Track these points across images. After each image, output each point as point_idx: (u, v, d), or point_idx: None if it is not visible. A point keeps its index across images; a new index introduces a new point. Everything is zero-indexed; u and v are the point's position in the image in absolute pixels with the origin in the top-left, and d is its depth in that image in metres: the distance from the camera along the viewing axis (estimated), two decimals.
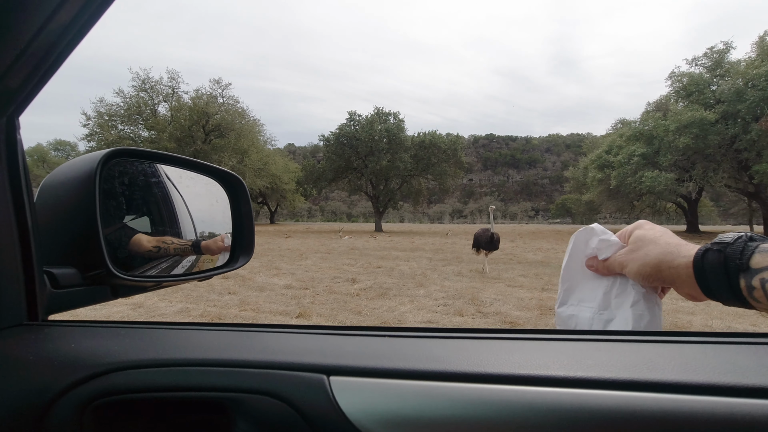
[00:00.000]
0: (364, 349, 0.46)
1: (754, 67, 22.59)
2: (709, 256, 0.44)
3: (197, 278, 0.76)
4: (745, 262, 0.42)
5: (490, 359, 0.41)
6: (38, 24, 0.43)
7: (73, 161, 0.62)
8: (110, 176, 0.64)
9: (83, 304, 0.60)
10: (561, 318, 0.59)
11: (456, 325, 4.63)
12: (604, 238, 0.55)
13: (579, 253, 0.59)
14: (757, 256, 0.41)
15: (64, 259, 0.58)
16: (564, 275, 0.60)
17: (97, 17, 0.46)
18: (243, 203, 0.84)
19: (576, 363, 0.39)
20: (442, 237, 25.20)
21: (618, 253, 0.54)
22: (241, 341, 0.51)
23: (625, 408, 0.34)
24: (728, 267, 0.43)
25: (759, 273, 0.40)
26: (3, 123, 0.51)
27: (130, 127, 34.59)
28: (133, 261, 0.68)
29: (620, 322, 0.53)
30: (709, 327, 4.54)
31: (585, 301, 0.57)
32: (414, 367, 0.41)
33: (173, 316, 4.95)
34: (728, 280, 0.43)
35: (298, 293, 6.40)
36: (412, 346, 0.47)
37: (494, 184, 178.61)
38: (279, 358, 0.44)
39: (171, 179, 0.78)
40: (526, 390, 0.37)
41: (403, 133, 36.23)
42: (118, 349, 0.48)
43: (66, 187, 0.59)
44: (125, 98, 34.21)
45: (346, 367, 0.42)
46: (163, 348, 0.48)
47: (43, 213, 0.58)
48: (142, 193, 0.74)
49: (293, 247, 15.38)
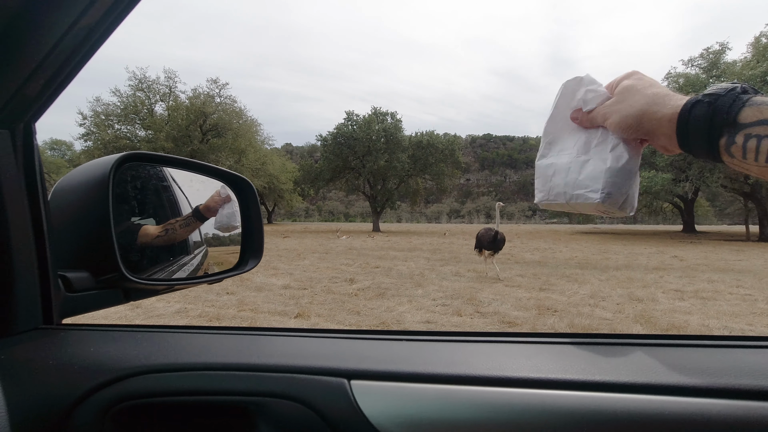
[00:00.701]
0: (383, 353, 0.47)
1: (750, 68, 22.71)
2: (697, 109, 0.42)
3: (208, 281, 0.76)
4: (732, 117, 0.40)
5: (507, 363, 0.42)
6: (58, 35, 0.44)
7: (85, 165, 0.62)
8: (122, 180, 0.64)
9: (96, 307, 0.60)
10: (540, 169, 0.58)
11: (455, 325, 4.64)
12: (591, 88, 0.53)
13: (565, 105, 0.56)
14: (747, 110, 0.39)
15: (77, 263, 0.59)
16: (547, 128, 0.58)
17: (114, 27, 0.47)
18: (252, 206, 0.84)
19: (593, 366, 0.40)
20: (440, 237, 25.21)
21: (603, 104, 0.51)
22: (261, 345, 0.52)
23: (640, 411, 0.35)
24: (714, 121, 0.41)
25: (745, 128, 0.39)
26: (20, 129, 0.51)
27: (127, 127, 34.43)
28: (143, 262, 0.69)
29: (597, 162, 0.51)
30: (705, 326, 4.57)
31: (565, 151, 0.56)
32: (434, 371, 0.42)
33: (171, 316, 4.93)
34: (710, 133, 0.41)
35: (296, 293, 6.39)
36: (431, 349, 0.47)
37: (491, 184, 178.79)
38: (300, 363, 0.45)
39: (179, 182, 0.78)
40: (545, 393, 0.38)
41: (400, 133, 36.20)
42: (138, 353, 0.49)
43: (79, 191, 0.60)
44: (122, 97, 34.05)
45: (367, 371, 0.43)
46: (183, 352, 0.49)
47: (57, 217, 0.58)
48: (151, 197, 0.74)
49: (291, 247, 15.35)
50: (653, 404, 0.35)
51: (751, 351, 0.41)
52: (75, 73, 0.50)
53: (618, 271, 9.24)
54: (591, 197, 0.51)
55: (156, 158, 0.73)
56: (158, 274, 0.70)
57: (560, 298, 6.11)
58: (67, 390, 0.46)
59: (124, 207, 0.66)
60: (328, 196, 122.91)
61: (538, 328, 4.49)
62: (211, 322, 4.73)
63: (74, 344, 0.52)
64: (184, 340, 0.54)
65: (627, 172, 0.50)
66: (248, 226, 0.84)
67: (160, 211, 0.76)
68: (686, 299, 6.09)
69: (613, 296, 6.19)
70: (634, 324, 4.65)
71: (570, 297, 6.15)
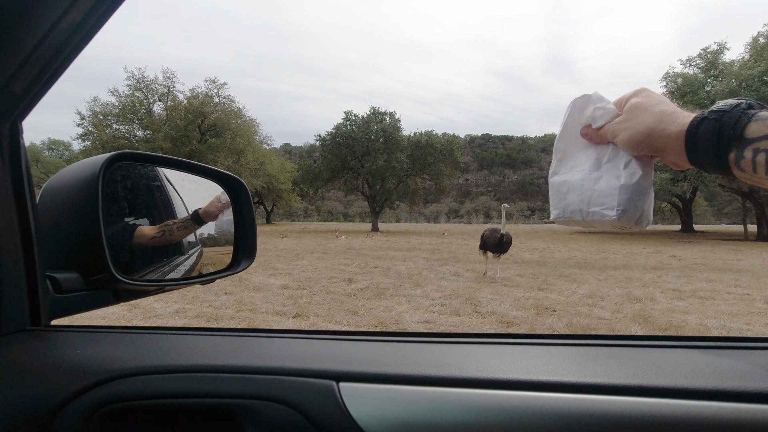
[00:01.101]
0: (372, 355, 0.46)
1: (748, 68, 22.77)
2: (705, 125, 0.43)
3: (200, 282, 0.75)
4: (739, 132, 0.40)
5: (499, 365, 0.42)
6: (43, 31, 0.43)
7: (75, 165, 0.62)
8: (113, 180, 0.64)
9: (85, 308, 0.59)
10: (554, 186, 0.59)
11: (453, 325, 4.64)
12: (600, 105, 0.54)
13: (574, 122, 0.57)
14: (753, 125, 0.40)
15: (66, 264, 0.58)
16: (558, 144, 0.59)
17: (102, 23, 0.46)
18: (245, 206, 0.84)
19: (584, 368, 0.40)
20: (439, 237, 25.23)
21: (613, 121, 0.52)
22: (249, 347, 0.51)
23: (633, 413, 0.35)
24: (721, 137, 0.41)
25: (752, 143, 0.39)
26: (6, 128, 0.50)
27: (125, 127, 34.39)
28: (135, 263, 0.68)
29: (611, 179, 0.52)
30: (703, 326, 4.57)
31: (577, 167, 0.57)
32: (424, 372, 0.41)
33: (169, 317, 4.92)
34: (718, 149, 0.42)
35: (294, 293, 6.38)
36: (420, 351, 0.47)
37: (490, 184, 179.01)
38: (288, 364, 0.44)
39: (172, 182, 0.77)
40: (536, 396, 0.37)
41: (399, 132, 36.21)
42: (124, 355, 0.48)
43: (68, 191, 0.59)
44: (120, 97, 34.00)
45: (356, 373, 0.42)
46: (169, 354, 0.48)
47: (46, 217, 0.58)
48: (144, 197, 0.74)
49: (290, 247, 15.34)
50: (645, 407, 0.35)
51: (745, 352, 0.41)
52: (62, 70, 0.49)
53: (616, 270, 9.25)
54: (607, 214, 0.51)
55: (147, 158, 0.72)
56: (150, 275, 0.70)
57: (559, 297, 6.12)
58: (52, 393, 0.45)
59: (114, 207, 0.65)
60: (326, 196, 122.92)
61: (537, 328, 4.49)
62: (209, 323, 4.72)
63: (61, 346, 0.51)
64: (171, 341, 0.53)
65: (641, 189, 0.51)
66: (241, 226, 0.83)
67: (154, 211, 0.76)
68: (684, 299, 6.10)
69: (611, 296, 6.20)
70: (633, 324, 4.65)
71: (568, 297, 6.16)
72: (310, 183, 39.30)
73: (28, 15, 0.42)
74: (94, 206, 0.56)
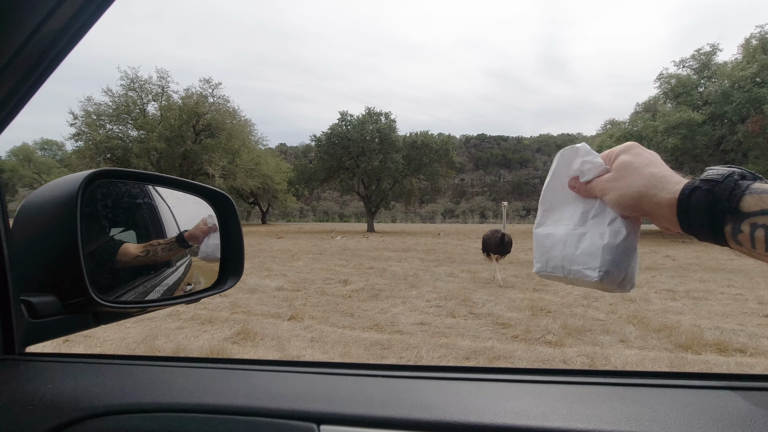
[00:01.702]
0: (355, 393, 0.45)
1: (740, 69, 22.97)
2: (697, 195, 0.42)
3: (184, 302, 0.74)
4: (734, 205, 0.39)
5: (487, 405, 0.40)
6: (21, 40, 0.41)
7: (53, 183, 0.60)
8: (93, 199, 0.62)
9: (63, 333, 0.57)
10: (538, 238, 0.58)
11: (448, 327, 4.63)
12: (587, 159, 0.52)
13: (562, 174, 0.56)
14: (748, 198, 0.39)
15: (42, 287, 0.56)
16: (544, 196, 0.59)
17: (85, 30, 0.44)
18: (231, 222, 0.82)
19: (575, 413, 0.38)
20: (434, 237, 25.26)
21: (601, 178, 0.51)
22: (228, 381, 0.49)
23: None
24: (715, 209, 0.40)
25: (749, 217, 0.38)
26: None
27: (119, 127, 34.21)
28: (117, 282, 0.66)
29: (595, 237, 0.51)
30: (697, 326, 4.59)
31: (562, 221, 0.56)
32: (408, 416, 0.40)
33: (163, 319, 4.89)
34: (712, 221, 0.41)
35: (290, 295, 6.36)
36: (405, 388, 0.45)
37: (486, 184, 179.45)
38: (266, 404, 0.43)
39: (157, 199, 0.75)
40: None
41: (394, 133, 36.26)
42: (98, 391, 0.46)
43: (45, 211, 0.57)
44: (114, 97, 33.82)
45: (337, 415, 0.41)
46: (146, 389, 0.46)
47: (21, 238, 0.56)
48: (127, 216, 0.72)
49: (285, 248, 15.30)
50: None
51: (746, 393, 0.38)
52: (42, 80, 0.47)
53: None
54: (588, 275, 0.50)
55: (128, 174, 0.70)
56: (132, 295, 0.68)
57: (554, 298, 6.13)
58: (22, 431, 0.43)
59: (95, 227, 0.63)
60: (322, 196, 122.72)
61: (532, 329, 4.50)
62: (204, 325, 4.69)
63: (33, 378, 0.49)
64: (145, 374, 0.51)
65: (625, 249, 0.49)
66: (227, 243, 0.81)
67: (141, 227, 0.74)
68: (678, 299, 6.14)
69: (606, 297, 6.22)
70: (627, 324, 4.66)
71: (563, 298, 6.17)
72: (306, 183, 39.25)
73: (6, 22, 0.39)
74: (72, 226, 0.54)
